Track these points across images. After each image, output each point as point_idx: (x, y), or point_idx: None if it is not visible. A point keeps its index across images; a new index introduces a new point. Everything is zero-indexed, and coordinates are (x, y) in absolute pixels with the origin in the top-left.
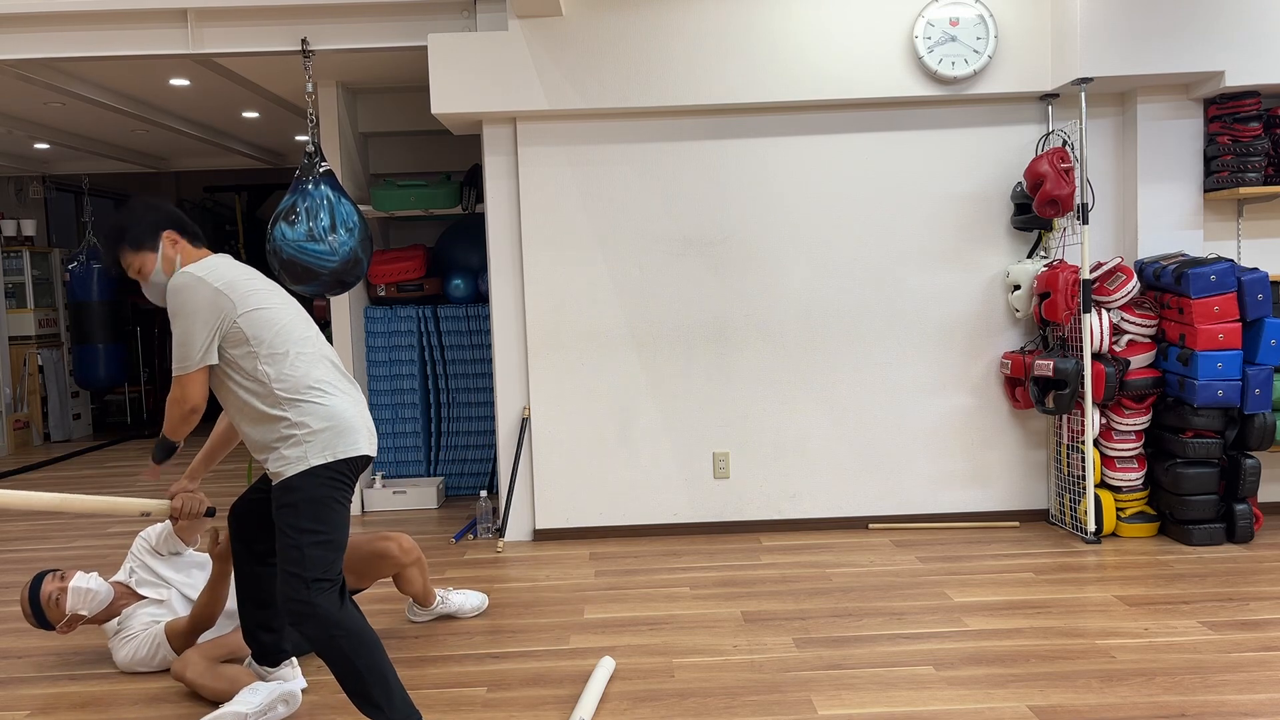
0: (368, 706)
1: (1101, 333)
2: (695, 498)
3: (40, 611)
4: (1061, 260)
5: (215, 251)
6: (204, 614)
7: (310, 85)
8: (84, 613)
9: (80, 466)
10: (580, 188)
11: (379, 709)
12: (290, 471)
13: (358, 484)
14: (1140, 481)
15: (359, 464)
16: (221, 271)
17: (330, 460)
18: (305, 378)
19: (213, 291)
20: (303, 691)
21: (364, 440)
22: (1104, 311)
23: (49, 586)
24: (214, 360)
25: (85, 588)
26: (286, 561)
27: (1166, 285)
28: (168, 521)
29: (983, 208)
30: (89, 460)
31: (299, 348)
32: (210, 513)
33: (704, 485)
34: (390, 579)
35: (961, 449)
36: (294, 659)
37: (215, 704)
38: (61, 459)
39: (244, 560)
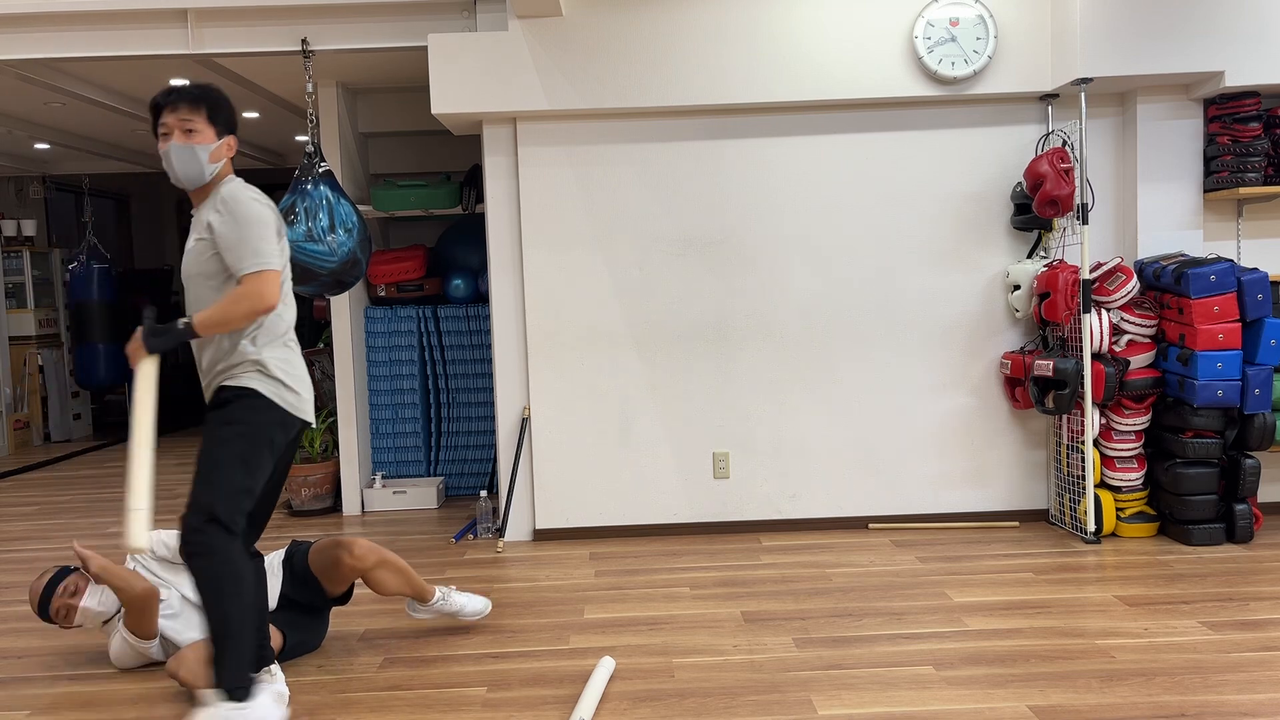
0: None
1: (1101, 333)
2: (695, 498)
3: (47, 613)
4: (1061, 260)
5: None
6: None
7: (310, 85)
8: (95, 609)
9: (80, 466)
10: (580, 188)
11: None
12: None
13: (357, 484)
14: (1140, 481)
15: None
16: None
17: None
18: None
19: (273, 213)
20: (303, 692)
21: None
22: (1104, 311)
23: (59, 602)
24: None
25: (94, 610)
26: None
27: (1166, 285)
28: (175, 532)
29: (983, 208)
30: (89, 460)
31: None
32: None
33: (704, 485)
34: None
35: (961, 449)
36: (274, 666)
37: None
38: (61, 459)
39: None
